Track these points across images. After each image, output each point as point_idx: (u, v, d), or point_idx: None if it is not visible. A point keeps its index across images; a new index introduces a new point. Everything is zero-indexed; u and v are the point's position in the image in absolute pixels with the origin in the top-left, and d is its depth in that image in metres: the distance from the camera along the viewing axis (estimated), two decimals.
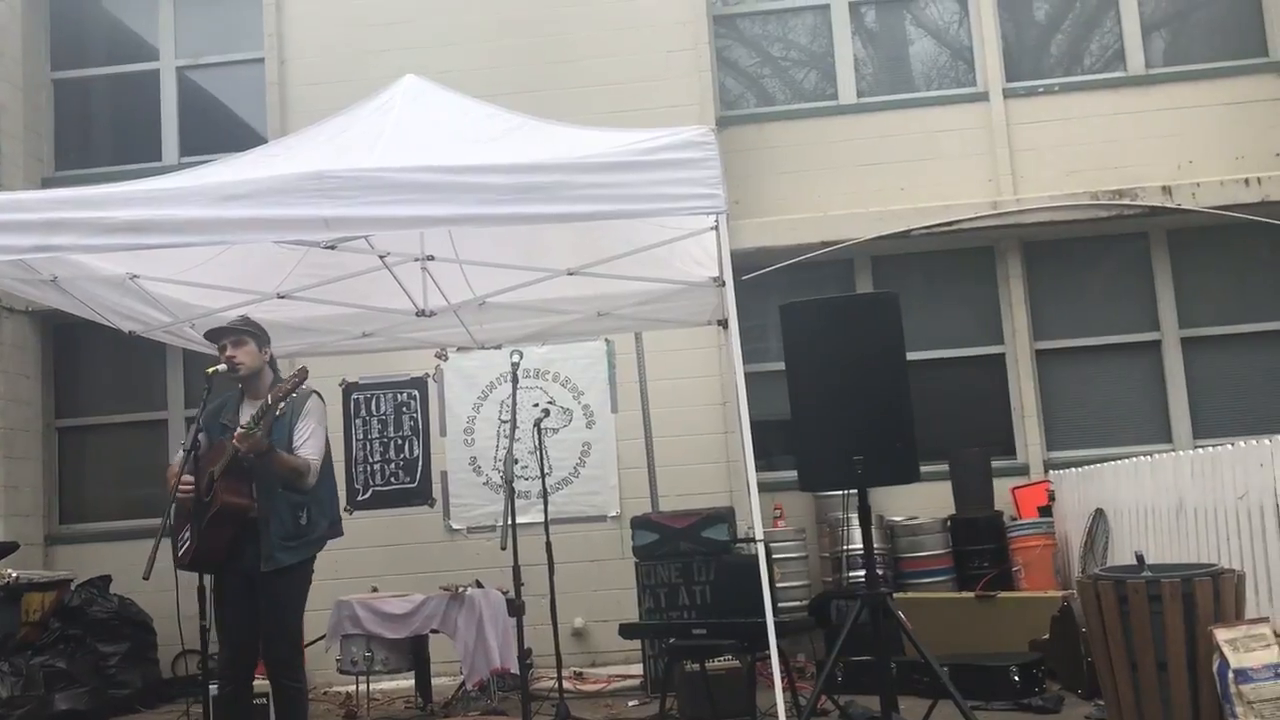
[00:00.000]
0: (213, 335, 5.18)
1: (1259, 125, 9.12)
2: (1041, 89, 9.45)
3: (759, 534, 4.42)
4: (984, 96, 9.39)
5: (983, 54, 9.47)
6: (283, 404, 4.84)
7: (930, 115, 9.42)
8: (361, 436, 9.00)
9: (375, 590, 7.59)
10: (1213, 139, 9.12)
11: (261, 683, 5.25)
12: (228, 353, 5.04)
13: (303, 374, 4.84)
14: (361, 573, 8.33)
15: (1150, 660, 4.49)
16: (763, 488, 4.70)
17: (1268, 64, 9.30)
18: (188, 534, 4.91)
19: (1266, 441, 5.30)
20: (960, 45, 9.74)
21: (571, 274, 6.01)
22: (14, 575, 7.70)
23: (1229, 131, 9.12)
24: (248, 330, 5.12)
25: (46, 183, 9.60)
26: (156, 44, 10.01)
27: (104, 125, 10.41)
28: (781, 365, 5.20)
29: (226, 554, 4.90)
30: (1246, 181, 8.82)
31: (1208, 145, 9.12)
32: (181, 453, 4.98)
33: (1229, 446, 5.60)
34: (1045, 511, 8.40)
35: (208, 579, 4.98)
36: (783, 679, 4.31)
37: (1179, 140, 9.14)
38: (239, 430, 4.75)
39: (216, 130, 9.92)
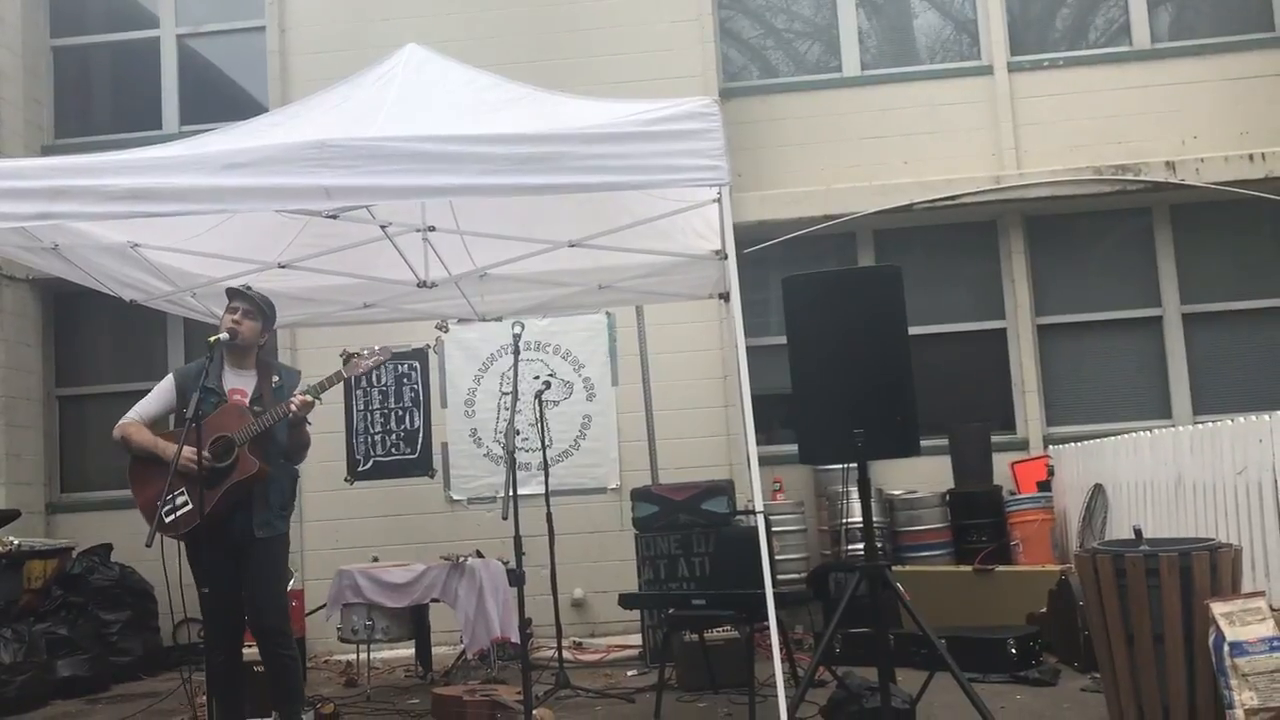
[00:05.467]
0: (233, 294, 5.19)
1: (1264, 101, 9.08)
2: (1046, 63, 9.40)
3: (758, 506, 4.44)
4: (988, 70, 9.35)
5: (987, 27, 9.42)
6: (301, 392, 4.87)
7: (934, 88, 9.39)
8: (362, 407, 9.01)
9: (376, 560, 7.62)
10: (1218, 114, 9.09)
11: (250, 650, 5.23)
12: (235, 318, 5.04)
13: (385, 353, 4.88)
14: (362, 542, 8.38)
15: (1147, 633, 4.51)
16: (762, 461, 4.71)
17: (1274, 39, 9.25)
18: (182, 499, 4.85)
19: (1266, 417, 5.32)
20: (964, 18, 9.69)
21: (573, 246, 6.00)
22: (16, 543, 7.73)
23: (1234, 107, 9.09)
24: (263, 309, 5.13)
25: (46, 150, 9.58)
26: (156, 11, 9.95)
27: (104, 93, 10.37)
28: (782, 339, 5.20)
29: (221, 521, 4.88)
30: (1251, 157, 8.79)
31: (1212, 120, 9.08)
32: (182, 421, 4.97)
33: (1228, 422, 5.61)
34: (1044, 486, 8.42)
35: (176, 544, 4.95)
36: (781, 650, 4.34)
37: (1183, 115, 9.11)
38: (302, 397, 4.76)
39: (217, 98, 9.88)
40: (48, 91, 9.91)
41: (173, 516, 4.83)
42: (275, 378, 5.08)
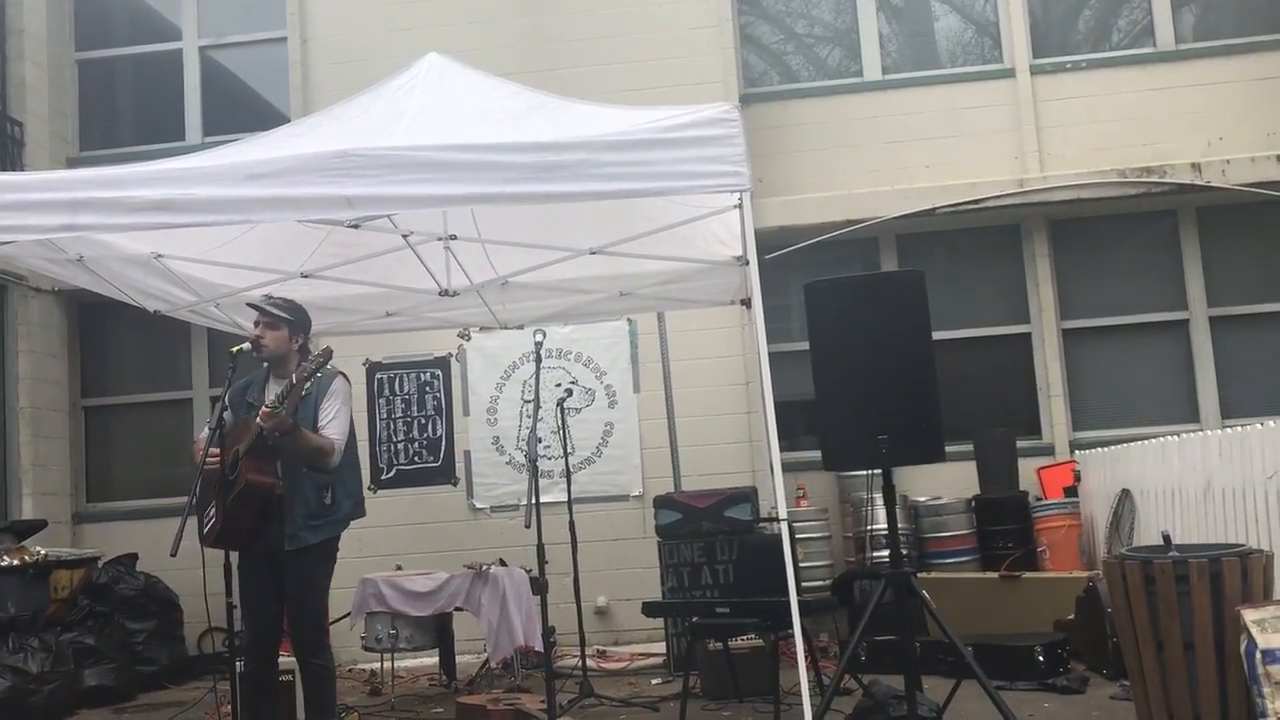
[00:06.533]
0: (253, 308, 5.20)
1: None
2: (1069, 65, 9.33)
3: (782, 513, 4.41)
4: (1010, 73, 9.30)
5: (1009, 29, 9.37)
6: (308, 384, 4.84)
7: (956, 92, 9.34)
8: (385, 416, 9.04)
9: (400, 568, 7.63)
10: (1243, 115, 9.00)
11: (288, 659, 5.28)
12: (256, 332, 5.06)
13: (327, 354, 4.83)
14: (386, 551, 8.39)
15: (1177, 641, 4.46)
16: (785, 467, 4.67)
17: None
18: (212, 511, 4.92)
19: None
20: (986, 21, 9.64)
21: (594, 253, 6.00)
22: (42, 553, 7.78)
23: (1260, 107, 8.99)
24: (284, 316, 5.08)
25: (71, 162, 9.67)
26: (179, 24, 10.03)
27: (128, 105, 10.46)
28: (805, 345, 5.18)
29: (250, 532, 4.92)
30: (1278, 158, 8.70)
31: (1238, 121, 8.99)
32: (207, 430, 5.02)
33: (1258, 426, 5.54)
34: (1071, 492, 8.35)
35: (234, 556, 5.00)
36: (806, 658, 4.31)
37: (1209, 116, 9.02)
38: (263, 408, 4.76)
39: (239, 110, 9.95)
40: (72, 104, 10.00)
41: (206, 527, 4.94)
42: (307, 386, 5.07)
